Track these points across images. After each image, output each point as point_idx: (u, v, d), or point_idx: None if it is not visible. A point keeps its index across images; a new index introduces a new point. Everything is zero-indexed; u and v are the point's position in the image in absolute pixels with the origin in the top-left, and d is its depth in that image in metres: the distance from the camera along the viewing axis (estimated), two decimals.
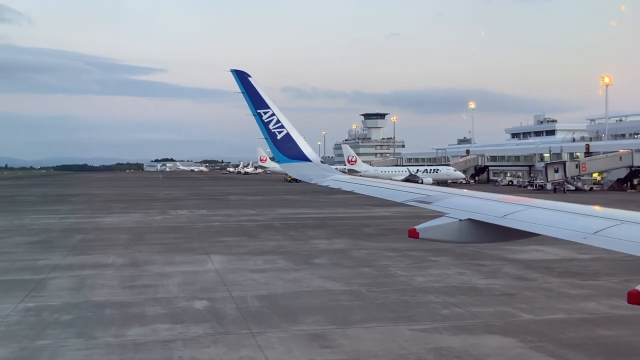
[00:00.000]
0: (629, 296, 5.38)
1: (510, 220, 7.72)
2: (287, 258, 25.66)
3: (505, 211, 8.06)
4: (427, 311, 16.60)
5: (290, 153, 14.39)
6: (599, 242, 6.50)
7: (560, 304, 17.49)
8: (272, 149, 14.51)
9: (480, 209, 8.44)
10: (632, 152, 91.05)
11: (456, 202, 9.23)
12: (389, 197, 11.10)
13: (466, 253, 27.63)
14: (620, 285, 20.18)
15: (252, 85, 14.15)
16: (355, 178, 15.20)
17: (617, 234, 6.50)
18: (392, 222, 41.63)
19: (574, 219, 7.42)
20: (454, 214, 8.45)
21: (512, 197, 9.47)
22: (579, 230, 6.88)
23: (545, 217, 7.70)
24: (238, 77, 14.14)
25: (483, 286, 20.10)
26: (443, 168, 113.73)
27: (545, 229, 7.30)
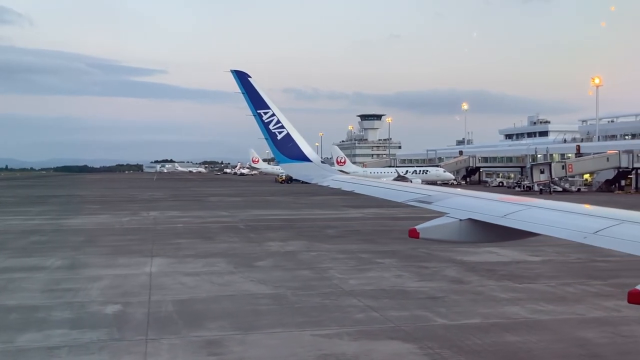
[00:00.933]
0: (629, 296, 5.30)
1: (511, 220, 7.67)
2: (230, 261, 25.22)
3: (506, 211, 8.02)
4: (341, 315, 16.16)
5: (290, 153, 14.33)
6: (600, 242, 6.44)
7: (481, 308, 17.03)
8: (273, 149, 14.43)
9: (480, 209, 8.40)
10: (619, 153, 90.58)
11: (457, 202, 9.19)
12: (389, 197, 11.07)
13: (417, 255, 27.25)
14: (555, 289, 19.76)
15: (252, 85, 14.09)
16: (355, 178, 15.09)
17: (618, 234, 6.45)
18: (359, 224, 41.26)
19: (574, 219, 7.38)
20: (454, 214, 8.41)
21: (512, 197, 9.39)
22: (579, 230, 6.83)
23: (546, 217, 7.67)
24: (238, 77, 14.09)
25: (413, 289, 19.66)
26: (432, 169, 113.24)
27: (546, 229, 7.27)
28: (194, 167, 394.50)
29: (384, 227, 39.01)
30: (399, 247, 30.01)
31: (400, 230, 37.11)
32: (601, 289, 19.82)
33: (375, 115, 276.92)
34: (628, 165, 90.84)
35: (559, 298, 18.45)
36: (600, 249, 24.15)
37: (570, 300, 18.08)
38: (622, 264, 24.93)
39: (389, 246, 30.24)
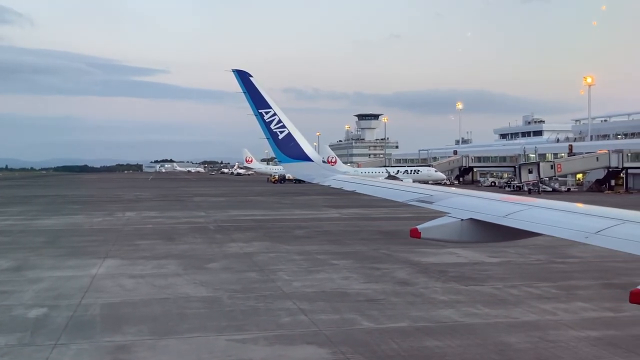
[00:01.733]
0: (632, 295, 5.24)
1: (512, 220, 7.65)
2: (182, 263, 24.87)
3: (507, 211, 7.99)
4: (268, 319, 15.80)
5: (291, 153, 14.25)
6: (601, 242, 6.39)
7: (415, 311, 16.67)
8: (274, 149, 14.31)
9: (482, 209, 8.39)
10: (609, 153, 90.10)
11: (458, 201, 9.17)
12: (390, 197, 11.07)
13: (376, 256, 26.93)
14: (500, 291, 19.39)
15: (254, 85, 13.96)
16: (357, 178, 14.86)
17: (619, 234, 6.38)
18: (333, 224, 40.90)
19: (576, 219, 7.36)
20: (455, 214, 8.37)
21: (514, 197, 9.32)
22: (580, 229, 6.80)
23: (547, 216, 7.66)
24: (239, 76, 13.97)
25: (355, 291, 19.29)
26: (424, 169, 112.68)
27: (547, 229, 7.24)
28: (193, 167, 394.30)
29: (356, 228, 38.66)
30: (362, 247, 29.68)
31: (370, 231, 36.83)
32: (547, 291, 19.45)
33: (372, 115, 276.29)
34: (618, 164, 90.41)
35: (499, 301, 18.07)
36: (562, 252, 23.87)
37: (509, 303, 17.70)
38: (580, 265, 24.61)
39: (352, 247, 29.88)
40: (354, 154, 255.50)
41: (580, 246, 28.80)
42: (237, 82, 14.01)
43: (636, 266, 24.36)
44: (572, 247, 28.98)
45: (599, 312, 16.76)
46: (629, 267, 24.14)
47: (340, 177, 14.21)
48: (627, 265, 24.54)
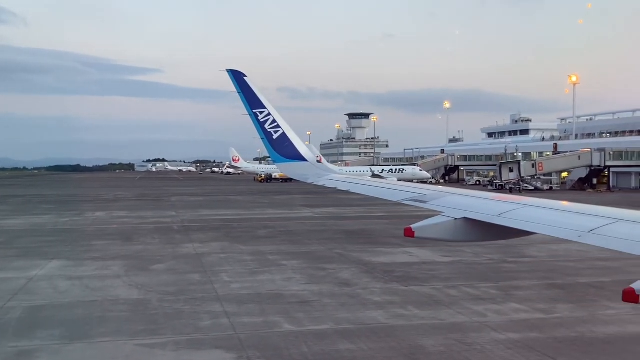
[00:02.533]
0: (624, 294, 5.25)
1: (506, 219, 7.68)
2: (128, 264, 24.49)
3: (501, 210, 8.03)
4: (187, 323, 15.44)
5: (286, 153, 14.25)
6: (594, 241, 6.39)
7: (342, 313, 16.36)
8: (268, 148, 14.31)
9: (475, 208, 8.44)
10: (591, 152, 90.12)
11: (452, 201, 9.22)
12: (384, 196, 11.11)
13: (328, 256, 26.64)
14: (438, 292, 19.12)
15: (248, 85, 13.97)
16: (351, 178, 14.80)
17: (613, 232, 6.40)
18: (300, 224, 40.57)
19: (569, 218, 7.38)
20: (449, 213, 8.40)
21: (507, 196, 9.37)
22: (574, 228, 6.81)
23: (541, 215, 7.68)
24: (234, 76, 13.98)
25: (291, 293, 18.96)
26: (409, 168, 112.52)
27: (541, 228, 7.27)
28: (184, 166, 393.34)
29: (322, 227, 38.35)
30: (319, 247, 29.37)
31: (334, 231, 36.53)
32: (485, 292, 19.18)
33: (363, 114, 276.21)
34: (600, 163, 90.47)
35: (433, 302, 17.79)
36: (519, 251, 23.61)
37: (442, 304, 17.42)
38: (531, 265, 24.39)
39: (309, 247, 29.57)
40: (344, 153, 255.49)
41: (539, 246, 28.80)
42: (231, 82, 14.04)
43: (585, 266, 24.20)
44: (530, 247, 28.86)
45: (529, 313, 16.49)
46: (579, 267, 23.96)
47: (334, 176, 14.23)
48: (577, 265, 24.37)
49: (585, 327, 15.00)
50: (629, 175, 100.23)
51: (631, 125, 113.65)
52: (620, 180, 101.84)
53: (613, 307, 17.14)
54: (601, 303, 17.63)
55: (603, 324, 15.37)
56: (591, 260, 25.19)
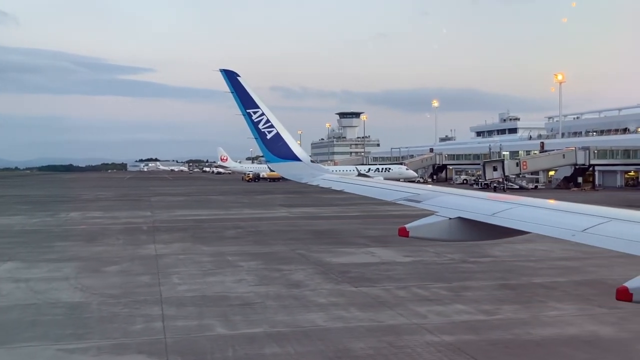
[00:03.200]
0: (617, 293, 5.22)
1: (500, 219, 7.70)
2: (81, 265, 24.11)
3: (495, 209, 8.04)
4: (119, 327, 15.07)
5: (280, 153, 14.27)
6: (588, 240, 6.41)
7: (281, 316, 16.04)
8: (262, 148, 14.33)
9: (469, 208, 8.45)
10: (575, 150, 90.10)
11: (446, 200, 9.24)
12: (379, 196, 11.15)
13: (289, 257, 26.33)
14: (387, 293, 18.83)
15: (242, 85, 14.00)
16: (345, 178, 14.65)
17: (606, 232, 6.41)
18: (271, 224, 40.23)
19: (563, 217, 7.40)
20: (443, 213, 8.40)
21: (502, 196, 9.37)
22: (567, 227, 6.83)
23: (535, 215, 7.71)
24: (227, 76, 14.01)
25: (237, 295, 18.62)
26: (395, 167, 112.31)
27: (534, 227, 7.29)
28: (176, 166, 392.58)
29: (292, 227, 38.03)
30: (282, 248, 29.05)
31: (304, 231, 36.22)
32: (435, 292, 18.90)
33: (353, 113, 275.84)
34: (585, 162, 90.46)
35: (378, 303, 17.50)
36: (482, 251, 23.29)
37: (386, 306, 17.12)
38: (490, 265, 24.12)
39: (273, 247, 29.23)
40: (335, 152, 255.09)
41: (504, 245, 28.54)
42: (224, 82, 14.02)
43: (545, 266, 23.98)
44: (495, 246, 28.64)
45: (472, 315, 16.21)
46: (538, 267, 23.74)
47: (328, 176, 14.25)
48: (536, 265, 24.15)
49: (523, 329, 14.73)
50: (614, 174, 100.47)
51: (616, 124, 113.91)
52: (606, 179, 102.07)
53: (559, 307, 16.92)
54: (548, 304, 17.38)
55: (543, 325, 15.11)
56: (552, 260, 24.99)
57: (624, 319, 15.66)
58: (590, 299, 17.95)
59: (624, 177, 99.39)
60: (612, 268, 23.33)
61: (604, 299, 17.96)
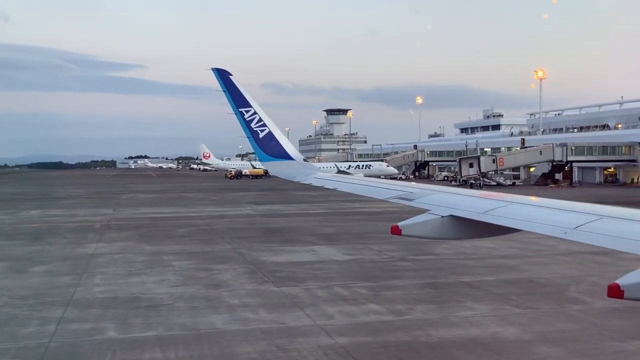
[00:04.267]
0: (609, 290, 5.25)
1: (492, 217, 7.75)
2: (7, 266, 23.64)
3: (487, 207, 8.09)
4: (9, 330, 14.47)
5: (272, 151, 14.29)
6: (580, 237, 6.46)
7: (183, 319, 15.50)
8: (255, 147, 14.34)
9: (461, 206, 8.51)
10: (552, 146, 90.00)
11: (438, 198, 9.29)
12: (371, 194, 11.21)
13: (227, 255, 25.85)
14: (305, 293, 18.37)
15: (234, 83, 13.99)
16: (338, 176, 14.95)
17: (597, 229, 6.46)
18: (228, 222, 39.63)
19: (554, 215, 7.41)
20: (436, 211, 8.46)
21: (494, 194, 9.54)
22: (559, 225, 6.87)
23: (527, 212, 7.79)
24: (219, 75, 13.98)
25: (149, 297, 18.05)
26: (376, 164, 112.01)
27: (526, 225, 7.34)
28: (165, 163, 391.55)
29: (249, 225, 37.51)
30: (225, 247, 28.53)
31: (256, 229, 35.70)
32: (356, 292, 18.44)
33: (341, 110, 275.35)
34: (562, 158, 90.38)
35: (292, 303, 17.03)
36: (425, 249, 22.77)
37: (297, 306, 16.65)
38: (428, 263, 23.72)
39: (216, 246, 28.69)
40: (322, 149, 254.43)
41: (452, 243, 28.13)
42: (216, 81, 14.01)
43: (481, 264, 23.58)
44: (442, 244, 28.29)
45: (381, 315, 15.77)
46: (474, 265, 23.34)
47: (321, 175, 14.39)
48: (473, 263, 23.76)
49: (425, 331, 14.29)
50: (593, 170, 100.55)
51: (596, 120, 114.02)
52: (585, 175, 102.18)
53: (474, 308, 16.51)
54: (464, 304, 16.96)
55: (447, 326, 14.69)
56: (493, 258, 24.63)
57: (534, 319, 15.30)
58: (511, 298, 17.55)
59: (603, 173, 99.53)
60: (549, 266, 23.03)
61: (525, 298, 17.61)
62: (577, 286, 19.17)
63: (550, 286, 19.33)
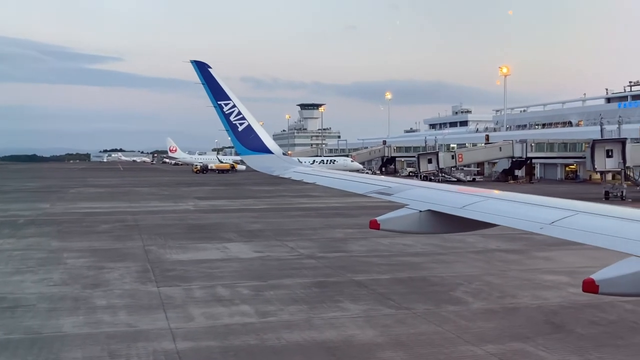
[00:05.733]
0: (584, 284, 5.37)
1: (469, 211, 7.84)
2: None
3: (464, 202, 8.18)
4: None
5: (251, 145, 14.21)
6: (555, 232, 6.56)
7: (32, 321, 14.62)
8: (234, 141, 14.24)
9: (439, 200, 8.58)
10: (512, 143, 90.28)
11: (416, 193, 9.33)
12: (350, 188, 11.23)
13: (130, 253, 24.98)
14: (182, 293, 17.62)
15: (213, 76, 13.89)
16: (317, 170, 14.88)
17: (573, 224, 6.59)
18: (158, 218, 38.67)
19: (531, 210, 7.56)
20: (414, 205, 8.50)
21: (472, 189, 9.67)
22: (536, 220, 6.97)
23: (503, 208, 7.84)
24: (198, 68, 13.82)
25: (19, 296, 17.15)
26: (340, 159, 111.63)
27: (503, 220, 7.42)
28: (140, 156, 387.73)
29: (177, 222, 36.59)
30: (137, 243, 27.62)
31: (184, 225, 34.86)
32: (238, 292, 17.77)
33: (315, 105, 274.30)
34: (522, 154, 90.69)
35: (158, 306, 16.23)
36: (341, 246, 21.95)
37: (163, 308, 15.90)
38: (333, 261, 23.16)
39: (127, 243, 27.73)
40: (295, 143, 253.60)
41: (371, 240, 27.69)
42: (195, 74, 13.83)
43: (387, 262, 23.06)
44: (361, 240, 27.76)
45: (245, 317, 15.10)
46: (377, 262, 22.81)
47: (300, 169, 14.29)
48: (378, 260, 23.25)
49: (279, 334, 13.64)
50: (555, 167, 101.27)
51: (558, 117, 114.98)
52: (548, 172, 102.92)
53: (347, 308, 15.94)
54: (339, 304, 16.37)
55: (306, 329, 14.06)
56: (402, 256, 24.14)
57: (400, 321, 14.77)
58: (391, 298, 17.02)
59: (564, 170, 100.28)
60: (453, 264, 22.63)
61: (406, 298, 17.08)
62: (468, 286, 18.73)
63: (440, 285, 18.85)
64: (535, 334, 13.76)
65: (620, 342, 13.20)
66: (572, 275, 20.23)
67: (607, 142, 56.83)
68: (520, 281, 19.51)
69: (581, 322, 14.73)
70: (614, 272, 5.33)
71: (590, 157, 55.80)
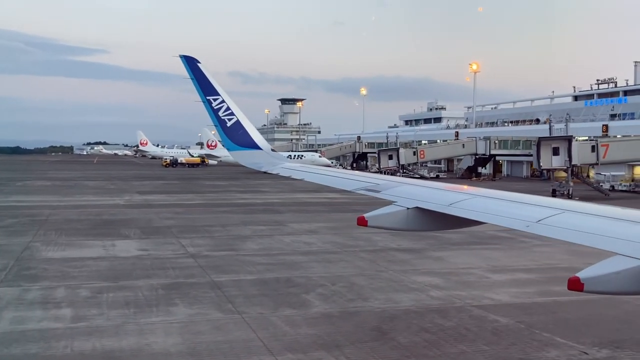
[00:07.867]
0: (569, 283, 5.37)
1: (456, 209, 7.83)
2: None
3: (452, 200, 8.18)
4: None
5: (240, 141, 14.15)
6: (541, 231, 6.58)
7: None
8: (222, 136, 14.16)
9: (427, 198, 8.55)
10: (475, 140, 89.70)
11: (404, 190, 9.33)
12: (338, 185, 11.18)
13: (8, 250, 23.71)
14: (17, 293, 16.51)
15: (202, 71, 13.78)
16: (305, 166, 14.78)
17: (558, 223, 6.58)
18: (78, 213, 37.37)
19: (517, 208, 7.55)
20: (402, 203, 8.47)
21: (459, 187, 9.63)
22: (522, 218, 6.97)
23: (490, 206, 7.83)
24: (187, 62, 13.74)
25: None
26: (308, 154, 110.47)
27: (490, 217, 7.42)
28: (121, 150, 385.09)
29: (95, 217, 35.31)
30: (25, 239, 26.39)
31: (97, 221, 33.67)
32: (75, 293, 16.72)
33: (295, 100, 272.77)
34: (485, 151, 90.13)
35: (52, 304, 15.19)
36: (234, 244, 20.80)
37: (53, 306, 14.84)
38: (221, 259, 22.18)
39: (16, 239, 26.47)
40: (275, 138, 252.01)
41: (275, 237, 26.69)
42: (184, 68, 13.73)
43: (267, 261, 22.15)
44: (261, 238, 26.77)
45: (55, 322, 14.05)
46: (261, 262, 21.87)
47: (288, 165, 14.38)
48: (263, 260, 22.32)
49: (73, 341, 12.64)
50: (521, 164, 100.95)
51: (528, 115, 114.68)
52: (514, 169, 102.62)
53: (176, 313, 15.00)
54: (174, 307, 15.42)
55: (110, 336, 13.06)
56: (292, 255, 23.24)
57: (218, 327, 13.82)
58: (234, 301, 16.10)
59: (530, 167, 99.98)
60: (334, 264, 21.78)
61: (251, 301, 16.18)
62: (328, 287, 17.81)
63: (299, 287, 17.90)
64: (352, 342, 12.86)
65: (433, 352, 12.30)
66: (446, 277, 19.46)
67: (554, 140, 56.27)
68: (387, 282, 18.62)
69: (412, 329, 13.86)
70: (599, 270, 5.40)
71: (536, 154, 55.22)
